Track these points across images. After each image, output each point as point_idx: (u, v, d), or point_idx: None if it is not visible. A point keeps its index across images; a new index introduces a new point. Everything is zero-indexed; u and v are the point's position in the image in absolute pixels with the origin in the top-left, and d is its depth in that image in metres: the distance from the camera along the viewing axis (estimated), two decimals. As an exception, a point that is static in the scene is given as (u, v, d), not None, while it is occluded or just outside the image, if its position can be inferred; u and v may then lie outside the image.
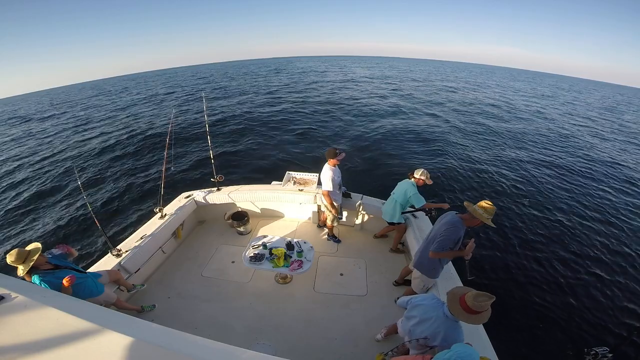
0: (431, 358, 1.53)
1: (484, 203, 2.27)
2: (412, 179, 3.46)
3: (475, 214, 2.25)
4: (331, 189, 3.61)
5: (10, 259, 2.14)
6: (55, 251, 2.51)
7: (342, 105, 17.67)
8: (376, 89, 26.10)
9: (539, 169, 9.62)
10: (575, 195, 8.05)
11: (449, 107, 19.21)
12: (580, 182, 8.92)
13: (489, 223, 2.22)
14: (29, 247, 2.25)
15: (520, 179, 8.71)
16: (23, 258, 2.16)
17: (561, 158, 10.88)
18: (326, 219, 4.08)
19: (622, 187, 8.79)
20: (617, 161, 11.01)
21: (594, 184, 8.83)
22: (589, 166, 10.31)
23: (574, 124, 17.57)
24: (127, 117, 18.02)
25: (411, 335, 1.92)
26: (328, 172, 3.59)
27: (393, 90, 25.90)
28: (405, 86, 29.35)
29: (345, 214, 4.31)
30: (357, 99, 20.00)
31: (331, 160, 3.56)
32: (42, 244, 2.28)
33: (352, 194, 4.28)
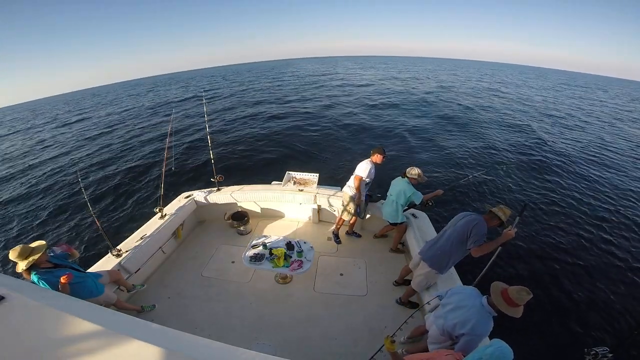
0: (448, 355, 1.54)
1: (504, 208, 2.48)
2: (406, 178, 3.47)
3: (499, 216, 2.44)
4: (364, 177, 3.67)
5: (13, 254, 2.13)
6: (57, 249, 2.51)
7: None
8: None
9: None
10: (582, 195, 8.04)
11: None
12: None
13: (506, 222, 2.45)
14: (34, 244, 2.24)
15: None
16: (25, 254, 2.15)
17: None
18: (345, 220, 4.08)
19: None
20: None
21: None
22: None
23: None
24: (128, 117, 18.02)
25: (445, 322, 1.97)
26: (369, 164, 3.67)
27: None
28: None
29: (368, 215, 4.29)
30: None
31: (378, 156, 3.63)
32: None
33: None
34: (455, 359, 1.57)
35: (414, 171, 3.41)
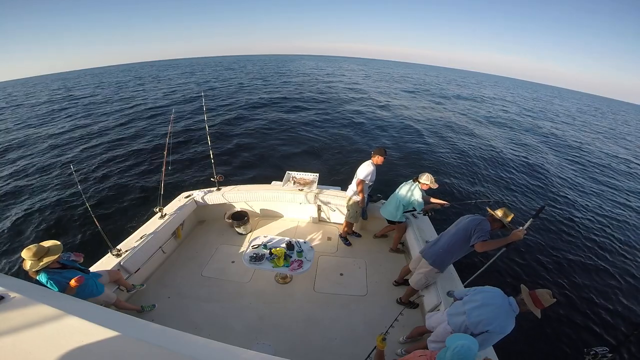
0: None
1: (506, 210, 2.50)
2: (417, 183, 3.44)
3: (500, 218, 2.47)
4: (366, 180, 3.63)
5: (27, 253, 2.13)
6: (71, 255, 2.57)
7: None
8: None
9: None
10: (585, 196, 8.06)
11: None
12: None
13: (507, 225, 2.47)
14: (48, 244, 2.24)
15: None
16: (40, 255, 2.16)
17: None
18: (346, 225, 4.09)
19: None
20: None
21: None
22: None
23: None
24: (127, 114, 17.99)
25: (468, 319, 1.99)
26: (370, 166, 3.63)
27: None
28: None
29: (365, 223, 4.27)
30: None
31: (379, 157, 3.58)
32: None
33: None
34: (428, 359, 1.61)
35: (425, 177, 3.38)
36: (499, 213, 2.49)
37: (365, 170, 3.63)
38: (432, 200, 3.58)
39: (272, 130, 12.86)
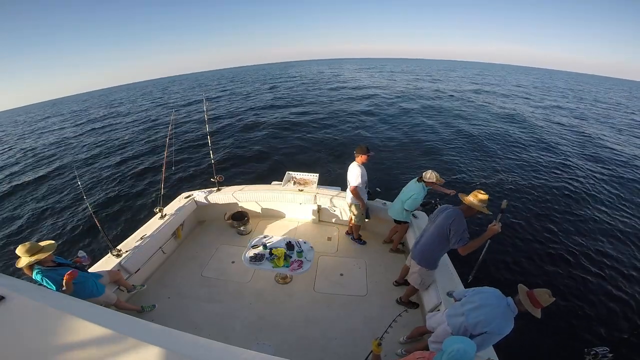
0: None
1: (478, 193, 2.37)
2: (422, 182, 3.40)
3: (473, 205, 2.36)
4: (359, 185, 3.56)
5: (21, 250, 2.16)
6: (84, 260, 2.63)
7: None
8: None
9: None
10: (586, 193, 8.03)
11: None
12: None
13: (485, 211, 2.35)
14: (43, 243, 2.28)
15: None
16: (32, 252, 2.19)
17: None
18: (352, 222, 4.05)
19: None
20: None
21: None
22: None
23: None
24: (128, 118, 18.03)
25: (466, 320, 1.98)
26: (357, 168, 3.54)
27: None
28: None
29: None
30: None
31: (362, 156, 3.50)
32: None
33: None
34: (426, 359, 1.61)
35: (428, 175, 3.33)
36: (471, 199, 2.37)
37: (355, 175, 3.54)
38: (440, 189, 3.52)
39: (274, 131, 12.88)
